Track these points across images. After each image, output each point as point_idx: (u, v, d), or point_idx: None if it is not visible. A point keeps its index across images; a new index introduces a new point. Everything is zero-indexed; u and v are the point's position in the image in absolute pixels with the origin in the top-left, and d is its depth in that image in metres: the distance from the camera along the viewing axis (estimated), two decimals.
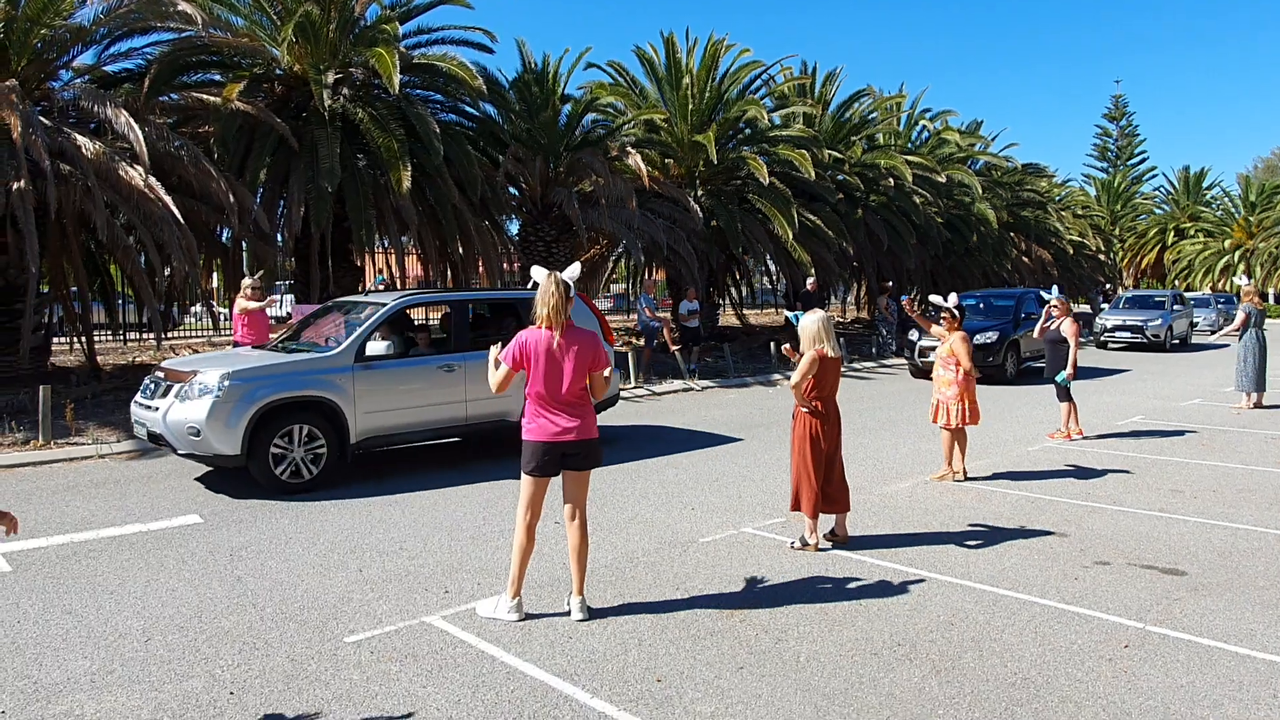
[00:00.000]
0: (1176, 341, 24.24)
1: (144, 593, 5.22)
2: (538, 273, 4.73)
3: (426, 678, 4.07)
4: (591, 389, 4.77)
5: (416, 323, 10.85)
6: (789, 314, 7.46)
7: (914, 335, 17.21)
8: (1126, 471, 8.53)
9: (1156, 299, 25.41)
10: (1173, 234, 54.18)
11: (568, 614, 4.77)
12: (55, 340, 15.45)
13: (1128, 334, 23.82)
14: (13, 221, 11.09)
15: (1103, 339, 24.36)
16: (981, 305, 17.71)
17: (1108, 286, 40.32)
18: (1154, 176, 67.40)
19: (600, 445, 4.87)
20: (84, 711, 3.78)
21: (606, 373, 4.78)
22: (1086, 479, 8.23)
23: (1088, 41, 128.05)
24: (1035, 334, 11.24)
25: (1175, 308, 24.77)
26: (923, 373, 16.40)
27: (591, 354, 4.67)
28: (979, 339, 15.25)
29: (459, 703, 3.83)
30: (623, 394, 14.38)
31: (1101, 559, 5.80)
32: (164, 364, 8.49)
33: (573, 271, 4.72)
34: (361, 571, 5.59)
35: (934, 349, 16.15)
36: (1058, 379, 10.26)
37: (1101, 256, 46.02)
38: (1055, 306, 10.65)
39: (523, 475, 4.71)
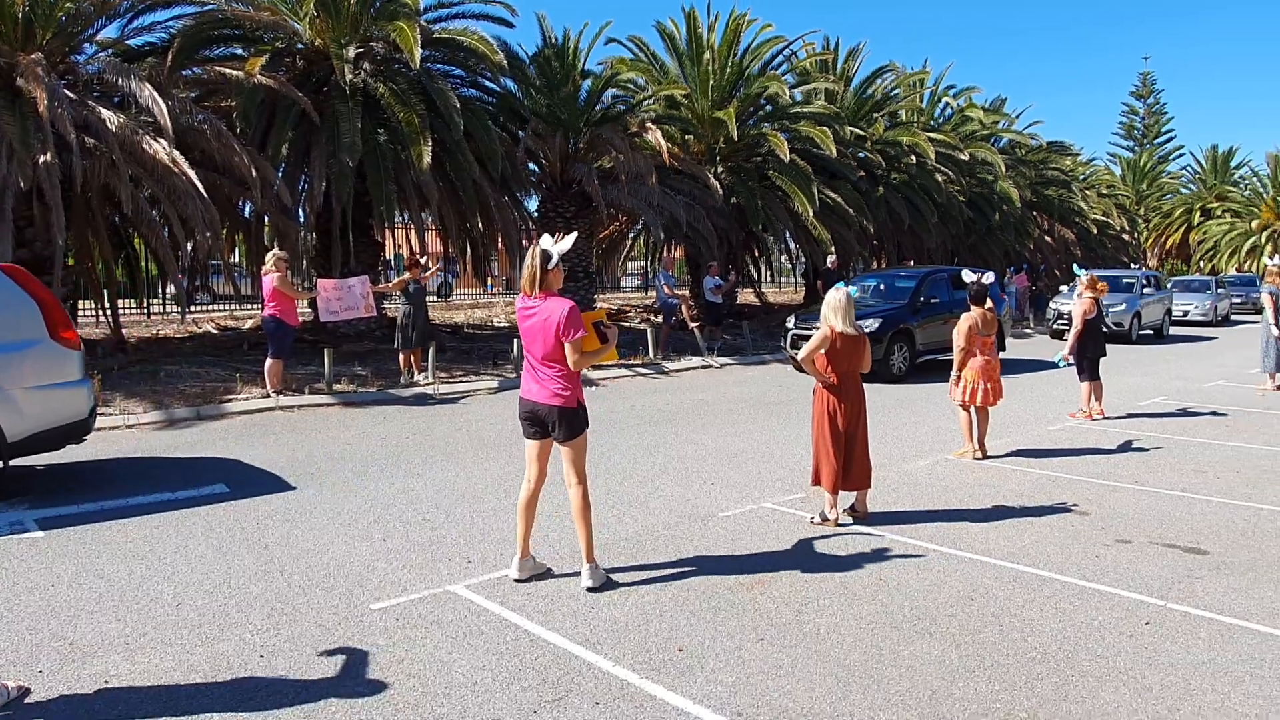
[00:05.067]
0: (1149, 331, 21.25)
1: (173, 559, 5.32)
2: (545, 241, 4.81)
3: (452, 644, 4.14)
4: (567, 357, 4.71)
5: None
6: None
7: (790, 322, 15.06)
8: (1148, 451, 8.48)
9: (1125, 280, 21.41)
10: (1199, 214, 53.32)
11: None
12: (80, 313, 15.66)
13: None
14: (39, 195, 11.21)
15: (1056, 326, 20.76)
16: (881, 286, 15.38)
17: (1041, 267, 34.06)
18: (1181, 156, 66.19)
19: (576, 415, 4.77)
20: (119, 671, 3.87)
21: (592, 344, 4.79)
22: (1108, 458, 8.20)
23: (1115, 18, 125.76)
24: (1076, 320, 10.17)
25: (1147, 291, 21.40)
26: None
27: (558, 324, 4.61)
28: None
29: (484, 668, 3.90)
30: (640, 371, 14.42)
31: (1123, 537, 5.79)
32: None
33: (563, 245, 4.78)
34: (385, 541, 5.67)
35: (805, 337, 14.41)
36: (1055, 361, 10.36)
37: (1126, 236, 45.49)
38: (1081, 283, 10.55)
39: None
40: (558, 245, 4.76)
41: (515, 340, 13.95)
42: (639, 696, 3.67)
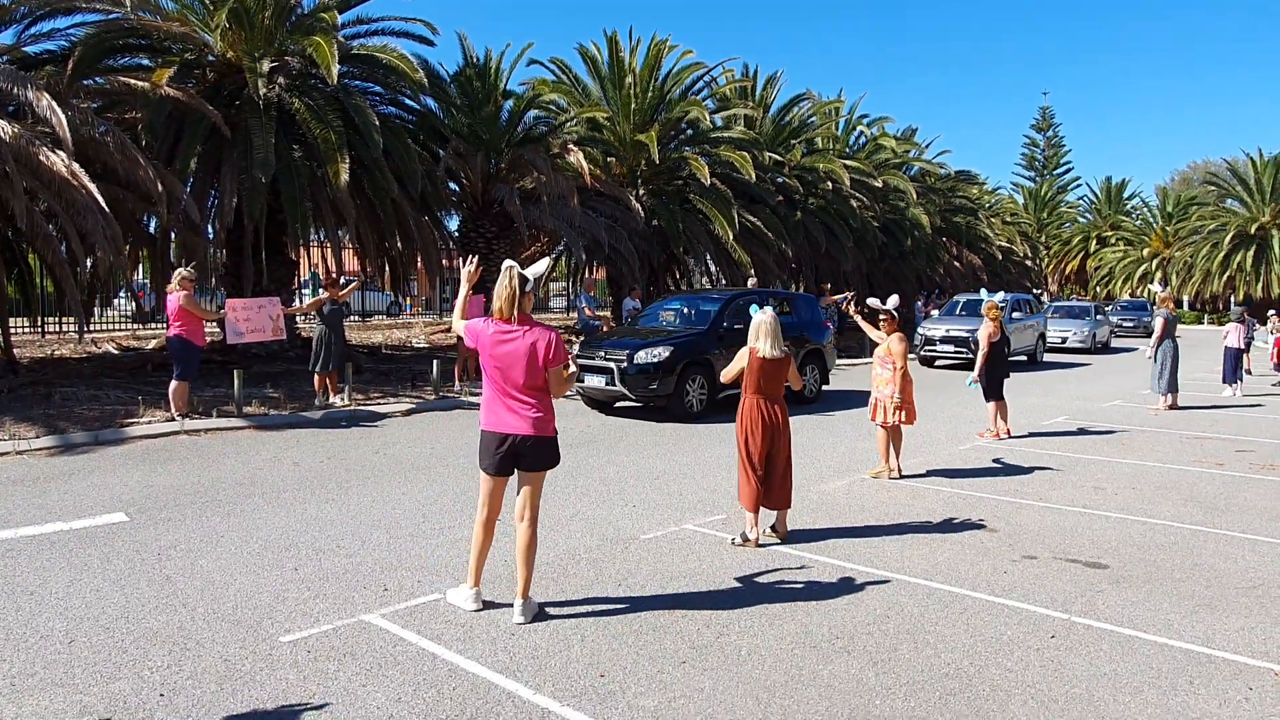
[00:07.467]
0: (1022, 358, 20.38)
1: (66, 593, 5.03)
2: (506, 264, 4.74)
3: (366, 676, 4.01)
4: (550, 385, 4.68)
5: None
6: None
7: (574, 350, 13.12)
8: (1052, 469, 8.82)
9: None
10: (1095, 242, 56.30)
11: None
12: None
13: (951, 348, 19.16)
14: None
15: (924, 353, 19.79)
16: (685, 309, 13.45)
17: (937, 292, 32.62)
18: (1078, 186, 70.00)
19: (554, 446, 4.78)
20: (3, 715, 3.62)
21: (567, 371, 4.66)
22: (1014, 476, 8.50)
23: (1018, 54, 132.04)
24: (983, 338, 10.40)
25: (1015, 316, 20.22)
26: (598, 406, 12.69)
27: (545, 349, 4.57)
28: (642, 357, 11.41)
29: (399, 700, 3.79)
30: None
31: (1029, 553, 5.99)
32: None
33: (538, 268, 4.73)
34: (297, 570, 5.48)
35: (588, 368, 11.84)
36: (967, 383, 10.80)
37: (1028, 262, 47.57)
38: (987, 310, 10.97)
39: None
40: (532, 269, 4.68)
41: (435, 361, 13.73)
42: None
